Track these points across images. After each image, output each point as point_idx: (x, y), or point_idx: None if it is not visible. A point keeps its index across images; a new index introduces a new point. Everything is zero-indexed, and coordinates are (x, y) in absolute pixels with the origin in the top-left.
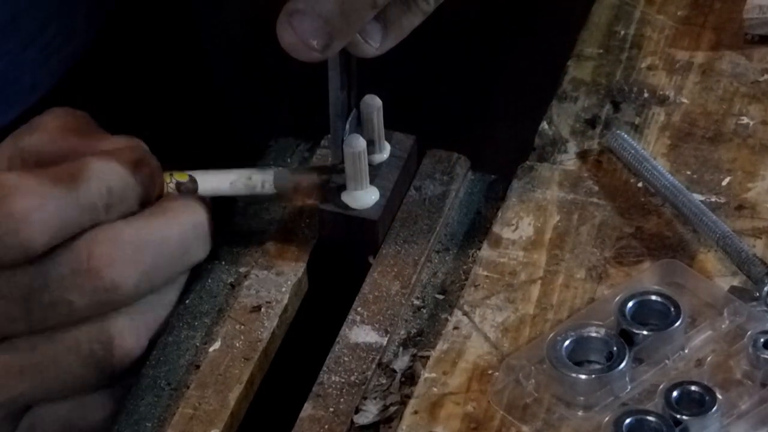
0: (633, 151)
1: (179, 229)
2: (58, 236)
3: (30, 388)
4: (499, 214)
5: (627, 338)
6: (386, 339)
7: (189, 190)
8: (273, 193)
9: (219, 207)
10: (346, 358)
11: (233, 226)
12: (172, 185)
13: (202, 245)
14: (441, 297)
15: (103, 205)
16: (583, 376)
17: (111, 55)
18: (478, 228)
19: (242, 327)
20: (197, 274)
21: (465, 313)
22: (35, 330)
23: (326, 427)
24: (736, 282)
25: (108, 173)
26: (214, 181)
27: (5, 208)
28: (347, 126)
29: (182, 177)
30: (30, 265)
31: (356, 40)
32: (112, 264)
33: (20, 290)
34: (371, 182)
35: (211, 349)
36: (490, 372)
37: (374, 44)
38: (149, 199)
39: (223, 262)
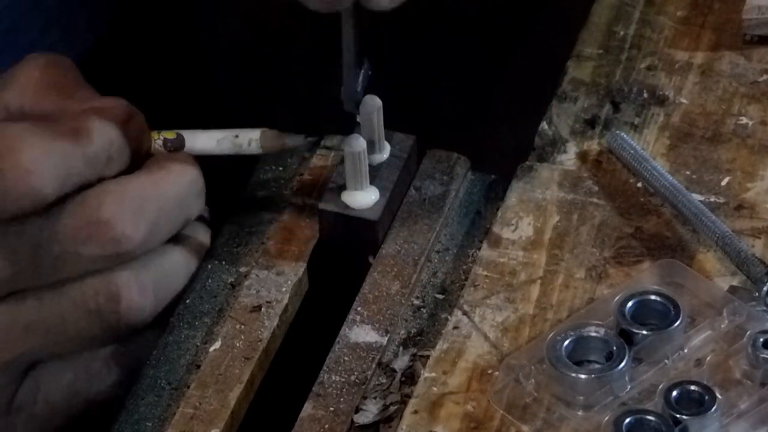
0: (633, 151)
1: (178, 185)
2: (66, 186)
3: (36, 344)
4: (499, 214)
5: (627, 338)
6: (386, 339)
7: (176, 147)
8: (259, 152)
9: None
10: (346, 358)
11: (233, 225)
12: (159, 142)
13: (197, 201)
14: (441, 297)
15: (106, 159)
16: (582, 376)
17: (111, 60)
18: (478, 228)
19: (242, 327)
20: (198, 273)
21: (465, 313)
22: (42, 284)
23: (326, 426)
24: (735, 282)
25: (107, 128)
26: (201, 139)
27: (13, 158)
28: (360, 78)
29: (170, 134)
30: (39, 217)
31: None
32: (122, 216)
33: (29, 242)
34: (371, 182)
35: (211, 349)
36: (490, 372)
37: None
38: (139, 155)
39: (224, 262)
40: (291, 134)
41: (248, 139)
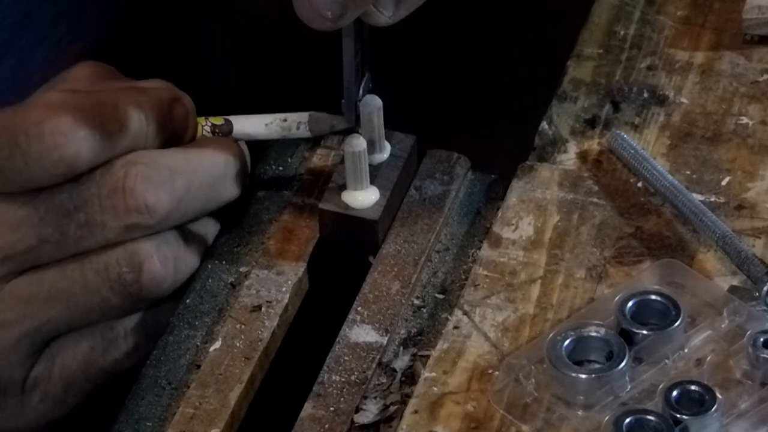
0: (633, 151)
1: (212, 163)
2: (101, 156)
3: (56, 314)
4: (499, 214)
5: (627, 338)
6: (386, 338)
7: (224, 133)
8: (307, 135)
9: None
10: (346, 358)
11: (233, 225)
12: (207, 128)
13: (233, 184)
14: (441, 296)
15: (143, 133)
16: (583, 376)
17: (120, 53)
18: (478, 228)
19: (243, 326)
20: (198, 273)
21: (465, 313)
22: (67, 254)
23: (326, 426)
24: (735, 282)
25: (146, 104)
26: (250, 124)
27: (53, 124)
28: (360, 90)
29: (217, 120)
30: (68, 184)
31: (370, 10)
32: (147, 185)
33: (57, 210)
34: (371, 182)
35: (211, 349)
36: (490, 371)
37: (387, 14)
38: (183, 138)
39: (224, 262)
40: (338, 116)
41: (297, 123)
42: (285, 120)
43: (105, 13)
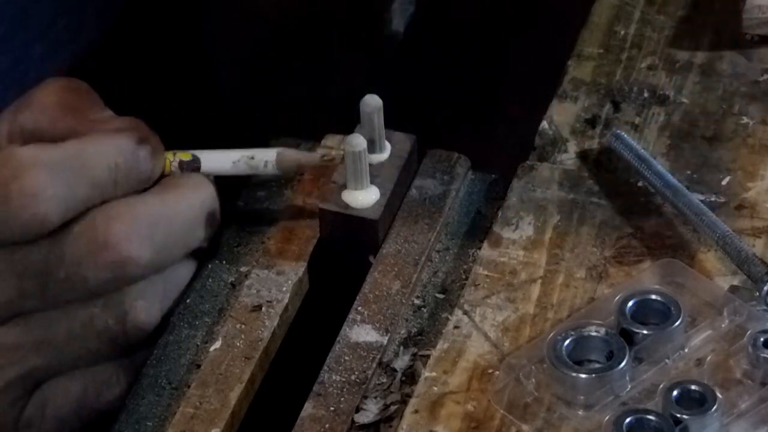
0: (633, 151)
1: (189, 205)
2: (71, 212)
3: (44, 362)
4: (499, 213)
5: (627, 337)
6: (387, 338)
7: (192, 169)
8: (275, 173)
9: (223, 190)
10: (346, 358)
11: (233, 225)
12: (175, 164)
13: (211, 222)
14: (441, 296)
15: (111, 182)
16: (583, 376)
17: (119, 52)
18: (478, 228)
19: (243, 326)
20: (198, 273)
21: (465, 313)
22: (49, 306)
23: (327, 426)
24: (736, 281)
25: (114, 150)
26: (217, 161)
27: (20, 185)
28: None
29: (185, 156)
30: (44, 240)
31: None
32: (129, 239)
33: (36, 266)
34: (371, 182)
35: (211, 349)
36: (490, 371)
37: None
38: (150, 179)
39: (224, 262)
40: (306, 153)
41: (264, 161)
42: (252, 158)
43: (105, 12)
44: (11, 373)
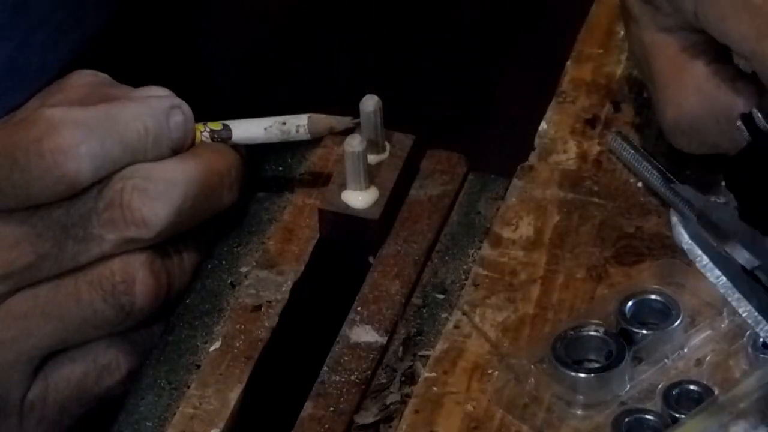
0: (633, 151)
1: (208, 173)
2: (102, 171)
3: (51, 328)
4: (499, 213)
5: (626, 337)
6: (386, 338)
7: (223, 139)
8: (307, 137)
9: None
10: (346, 358)
11: (233, 225)
12: (206, 133)
13: (229, 192)
14: (441, 296)
15: (142, 145)
16: (582, 375)
17: (120, 41)
18: (478, 228)
19: (243, 326)
20: (198, 273)
21: (465, 313)
22: (63, 269)
23: (327, 426)
24: None
25: (145, 113)
26: (249, 128)
27: (53, 141)
28: None
29: (216, 126)
30: (67, 200)
31: None
32: (143, 199)
33: (55, 226)
34: (371, 182)
35: (211, 349)
36: (490, 371)
37: None
38: (181, 146)
39: (224, 262)
40: (338, 117)
41: (296, 126)
42: (284, 123)
43: (106, 1)
44: (21, 345)
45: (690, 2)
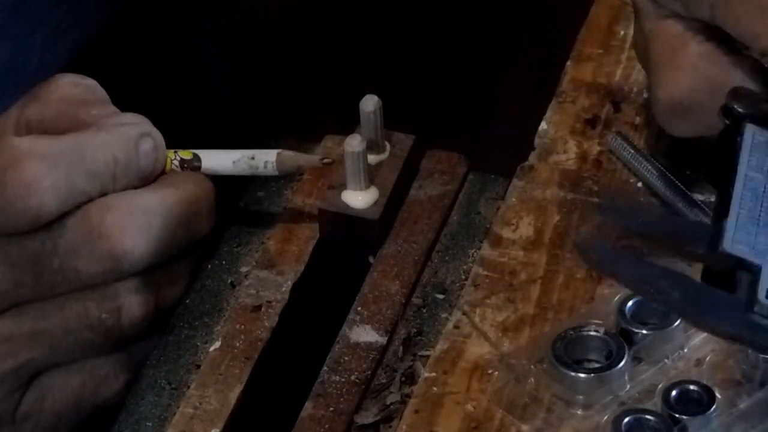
0: (633, 151)
1: (185, 201)
2: (68, 203)
3: (39, 354)
4: (499, 213)
5: (626, 337)
6: (386, 338)
7: (192, 168)
8: (275, 173)
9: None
10: (346, 358)
11: (233, 225)
12: (176, 162)
13: (207, 218)
14: (441, 296)
15: (110, 175)
16: (582, 375)
17: (120, 41)
18: (478, 228)
19: (243, 326)
20: (198, 273)
21: (465, 313)
22: (43, 297)
23: (327, 426)
24: None
25: (114, 143)
26: (218, 160)
27: (17, 174)
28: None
29: (186, 154)
30: (40, 231)
31: None
32: (123, 231)
33: (30, 256)
34: (371, 182)
35: (211, 349)
36: (490, 371)
37: None
38: (151, 174)
39: (224, 262)
40: (306, 156)
41: (264, 162)
42: (253, 158)
43: (105, 1)
44: (6, 365)
45: (706, 5)
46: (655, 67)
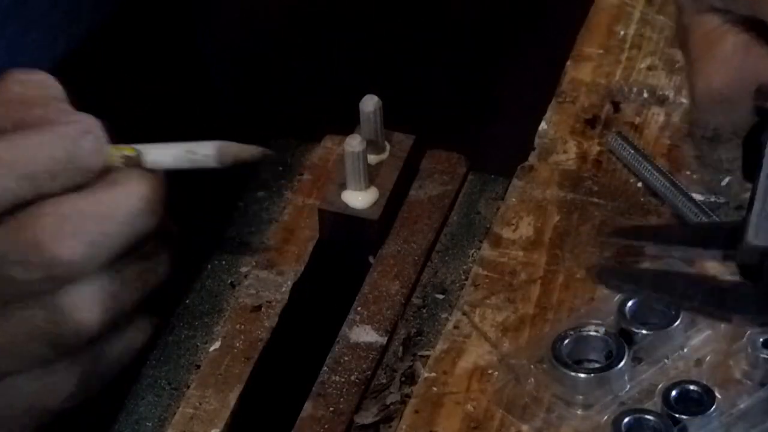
0: (633, 151)
1: (125, 201)
2: (5, 203)
3: None
4: (499, 214)
5: (626, 337)
6: (386, 338)
7: (135, 163)
8: (215, 166)
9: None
10: (346, 358)
11: (233, 225)
12: (119, 158)
13: (149, 217)
14: (441, 297)
15: (46, 176)
16: (582, 375)
17: (119, 40)
18: (478, 228)
19: (243, 326)
20: (198, 273)
21: (465, 313)
22: None
23: (326, 426)
24: None
25: (52, 143)
26: (159, 153)
27: None
28: None
29: (129, 151)
30: None
31: None
32: (57, 237)
33: None
34: (371, 182)
35: (211, 349)
36: (489, 371)
37: None
38: (93, 171)
39: (224, 262)
40: (246, 146)
41: (203, 154)
42: (192, 151)
43: (102, 1)
44: None
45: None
46: (693, 59)
